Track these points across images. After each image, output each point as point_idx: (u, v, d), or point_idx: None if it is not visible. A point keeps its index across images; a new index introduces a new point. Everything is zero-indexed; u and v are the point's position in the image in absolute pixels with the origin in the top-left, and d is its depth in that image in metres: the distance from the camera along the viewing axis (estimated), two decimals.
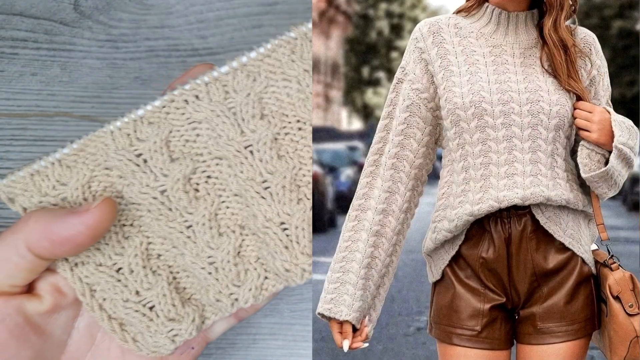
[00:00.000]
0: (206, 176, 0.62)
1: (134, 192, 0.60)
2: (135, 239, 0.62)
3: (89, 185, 0.60)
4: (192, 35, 0.85)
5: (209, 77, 0.61)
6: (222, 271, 0.62)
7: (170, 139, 0.61)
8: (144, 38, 0.85)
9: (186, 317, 0.62)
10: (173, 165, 0.60)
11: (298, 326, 0.86)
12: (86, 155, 0.60)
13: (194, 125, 0.61)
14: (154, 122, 0.60)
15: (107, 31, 0.85)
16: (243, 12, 0.86)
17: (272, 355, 0.85)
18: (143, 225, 0.62)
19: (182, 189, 0.60)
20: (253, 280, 0.62)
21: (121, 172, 0.60)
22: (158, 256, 0.63)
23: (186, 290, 0.64)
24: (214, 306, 0.63)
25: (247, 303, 0.62)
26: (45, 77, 0.84)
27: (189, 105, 0.60)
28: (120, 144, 0.60)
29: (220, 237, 0.62)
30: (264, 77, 0.61)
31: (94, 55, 0.85)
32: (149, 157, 0.60)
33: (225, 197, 0.62)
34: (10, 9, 0.85)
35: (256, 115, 0.61)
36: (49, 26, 0.85)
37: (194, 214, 0.61)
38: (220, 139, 0.61)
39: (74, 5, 0.85)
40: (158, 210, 0.61)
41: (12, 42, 0.85)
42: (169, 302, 0.62)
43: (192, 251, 0.61)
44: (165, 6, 0.85)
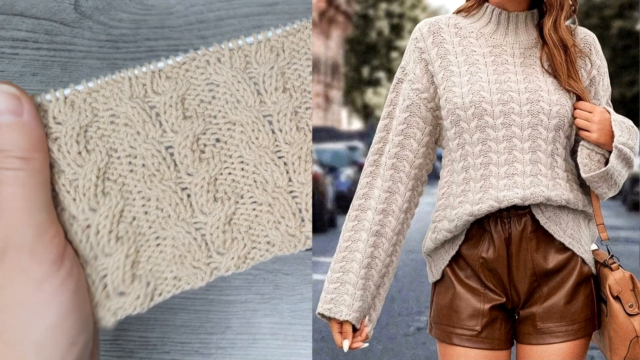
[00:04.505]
0: (215, 139, 0.62)
1: (137, 143, 0.60)
2: (113, 198, 0.60)
3: (85, 129, 0.59)
4: (192, 35, 0.85)
5: (234, 44, 0.62)
6: (208, 237, 0.62)
7: (186, 96, 0.61)
8: (144, 38, 0.85)
9: (132, 292, 0.61)
10: (185, 123, 0.61)
11: (298, 326, 0.86)
12: (98, 96, 0.60)
13: (210, 87, 0.62)
14: (172, 77, 0.61)
15: (107, 31, 0.85)
16: (243, 12, 0.86)
17: (272, 355, 0.86)
18: (129, 182, 0.61)
19: (189, 147, 0.61)
20: (237, 250, 0.62)
21: (130, 120, 0.60)
22: (131, 221, 0.61)
23: (143, 264, 0.62)
24: (180, 276, 0.62)
25: (228, 271, 0.62)
26: (45, 77, 0.84)
27: (210, 67, 0.62)
28: (136, 92, 0.60)
29: (215, 203, 0.62)
30: (288, 53, 0.63)
31: (94, 56, 0.85)
32: (162, 111, 0.60)
33: (230, 163, 0.63)
34: (11, 9, 0.85)
35: (279, 88, 0.63)
36: (49, 26, 0.85)
37: (193, 175, 0.61)
38: (239, 104, 0.62)
39: (74, 5, 0.85)
40: (156, 165, 0.60)
41: (12, 42, 0.85)
42: (120, 276, 0.60)
43: (179, 214, 0.61)
44: (166, 6, 0.85)
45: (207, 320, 0.86)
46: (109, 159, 0.60)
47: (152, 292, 0.61)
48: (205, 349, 0.86)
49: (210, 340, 0.86)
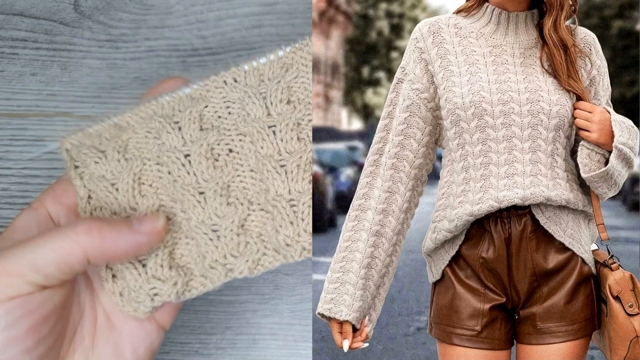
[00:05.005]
0: (228, 149, 0.66)
1: (162, 151, 0.65)
2: (150, 199, 0.66)
3: (126, 142, 0.66)
4: (192, 35, 0.85)
5: (249, 65, 0.67)
6: (223, 239, 0.65)
7: (205, 112, 0.66)
8: (144, 38, 0.85)
9: (170, 279, 0.65)
10: (201, 134, 0.66)
11: (298, 326, 0.86)
12: (137, 119, 0.66)
13: (227, 104, 0.66)
14: (196, 97, 0.67)
15: (107, 31, 0.85)
16: (243, 12, 0.86)
17: (272, 356, 0.85)
18: (160, 187, 0.66)
19: (203, 155, 0.65)
20: (251, 254, 0.65)
21: (157, 132, 0.65)
22: (165, 220, 0.66)
23: (179, 258, 0.66)
24: (206, 275, 0.66)
25: (242, 274, 0.65)
26: (45, 77, 0.84)
27: (227, 86, 0.66)
28: (165, 112, 0.66)
29: (228, 207, 0.65)
30: (296, 68, 0.66)
31: (94, 55, 0.85)
32: (183, 124, 0.66)
33: (241, 172, 0.66)
34: (10, 9, 0.85)
35: (284, 100, 0.66)
36: (49, 26, 0.85)
37: (208, 181, 0.65)
38: (248, 117, 0.66)
39: (74, 5, 0.85)
40: (178, 171, 0.65)
41: (12, 42, 0.85)
42: (158, 262, 0.65)
43: (199, 216, 0.65)
44: (165, 6, 0.85)
45: (207, 320, 0.86)
46: (143, 166, 0.66)
47: (186, 284, 0.66)
48: (205, 349, 0.86)
49: (210, 340, 0.86)
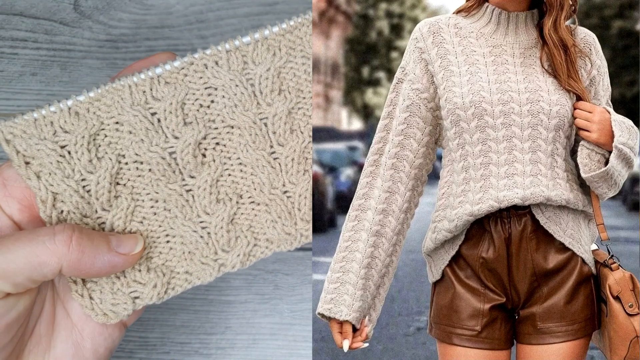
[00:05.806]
0: (215, 143, 0.64)
1: (142, 150, 0.62)
2: (124, 200, 0.63)
3: (94, 137, 0.61)
4: (192, 35, 0.85)
5: (231, 45, 0.62)
6: (214, 236, 0.64)
7: (186, 101, 0.62)
8: (144, 38, 0.85)
9: (149, 282, 0.63)
10: (186, 129, 0.62)
11: (298, 326, 0.86)
12: (100, 105, 0.61)
13: (209, 91, 0.63)
14: (171, 82, 0.62)
15: (107, 31, 0.85)
16: (243, 12, 0.86)
17: (272, 356, 0.85)
18: (137, 186, 0.63)
19: (191, 153, 0.62)
20: (242, 247, 0.65)
21: (133, 128, 0.61)
22: (141, 220, 0.63)
23: (155, 259, 0.64)
24: (190, 271, 0.64)
25: (234, 268, 0.65)
26: (45, 77, 0.84)
27: (208, 70, 0.62)
28: (137, 99, 0.61)
29: (217, 204, 0.64)
30: (284, 52, 0.63)
31: (94, 55, 0.85)
32: (163, 117, 0.61)
33: (229, 165, 0.64)
34: (10, 9, 0.85)
35: (275, 90, 0.63)
36: (49, 26, 0.85)
37: (196, 178, 0.63)
38: (237, 108, 0.63)
39: (74, 5, 0.85)
40: (161, 171, 0.62)
41: (12, 42, 0.85)
42: (135, 267, 0.63)
43: (186, 215, 0.63)
44: (165, 6, 0.85)
45: (207, 320, 0.86)
46: (119, 165, 0.62)
47: (167, 284, 0.64)
48: (205, 349, 0.86)
49: (210, 340, 0.86)
